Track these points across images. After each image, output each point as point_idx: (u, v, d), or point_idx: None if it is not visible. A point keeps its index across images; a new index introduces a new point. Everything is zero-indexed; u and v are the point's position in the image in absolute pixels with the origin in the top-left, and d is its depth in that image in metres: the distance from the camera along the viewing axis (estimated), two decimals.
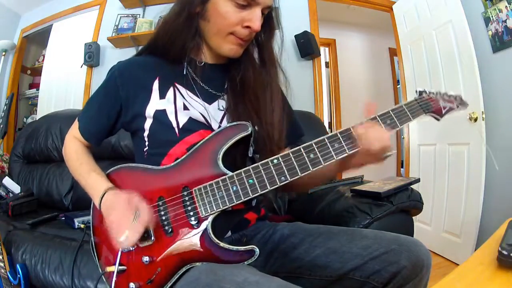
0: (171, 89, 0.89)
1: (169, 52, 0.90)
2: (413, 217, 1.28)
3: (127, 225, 0.72)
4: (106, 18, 3.12)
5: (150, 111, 0.87)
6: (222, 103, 0.92)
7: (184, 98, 0.89)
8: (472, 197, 2.32)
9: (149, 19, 2.99)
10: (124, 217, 0.73)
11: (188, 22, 0.86)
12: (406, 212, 1.25)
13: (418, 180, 1.36)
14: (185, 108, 0.88)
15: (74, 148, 0.96)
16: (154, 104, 0.88)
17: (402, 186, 1.26)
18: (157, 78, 0.90)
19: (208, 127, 0.88)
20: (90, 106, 0.96)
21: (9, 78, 3.52)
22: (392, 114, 0.78)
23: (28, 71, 3.87)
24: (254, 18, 0.81)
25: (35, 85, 3.75)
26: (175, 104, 0.88)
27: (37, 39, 3.71)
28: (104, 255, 0.87)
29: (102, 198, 0.80)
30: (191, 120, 0.87)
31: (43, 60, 3.58)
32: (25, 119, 3.85)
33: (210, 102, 0.91)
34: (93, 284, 1.04)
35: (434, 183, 2.68)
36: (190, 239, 0.75)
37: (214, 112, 0.90)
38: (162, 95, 0.88)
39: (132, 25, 2.99)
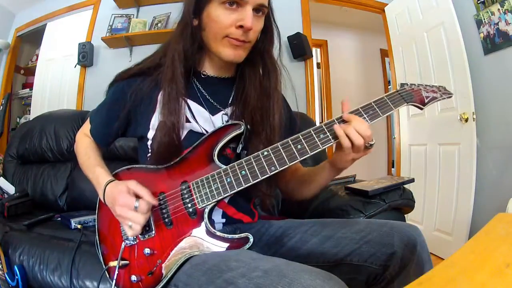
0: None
1: (176, 70, 0.90)
2: (405, 216, 1.31)
3: (130, 215, 0.77)
4: (100, 18, 3.11)
5: (154, 122, 0.91)
6: (225, 117, 0.96)
7: (188, 109, 0.92)
8: (463, 195, 2.36)
9: (143, 19, 2.99)
10: (125, 207, 0.78)
11: (192, 37, 0.89)
12: (398, 210, 1.28)
13: (412, 180, 1.37)
14: (187, 120, 0.91)
15: (84, 144, 1.03)
16: (158, 115, 0.90)
17: (393, 185, 1.28)
18: (162, 90, 0.91)
19: None
20: (101, 110, 1.01)
21: (3, 78, 3.49)
22: (374, 105, 0.83)
23: (21, 70, 3.84)
24: (246, 16, 0.83)
25: (29, 85, 3.73)
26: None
27: (31, 38, 3.68)
28: (108, 251, 0.91)
29: (104, 191, 0.85)
30: (191, 132, 0.91)
31: (36, 59, 3.56)
32: (18, 119, 3.82)
33: (214, 114, 0.95)
34: (92, 284, 1.05)
35: (425, 182, 2.71)
36: (189, 230, 0.81)
37: (218, 124, 0.93)
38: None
39: (126, 25, 2.98)
